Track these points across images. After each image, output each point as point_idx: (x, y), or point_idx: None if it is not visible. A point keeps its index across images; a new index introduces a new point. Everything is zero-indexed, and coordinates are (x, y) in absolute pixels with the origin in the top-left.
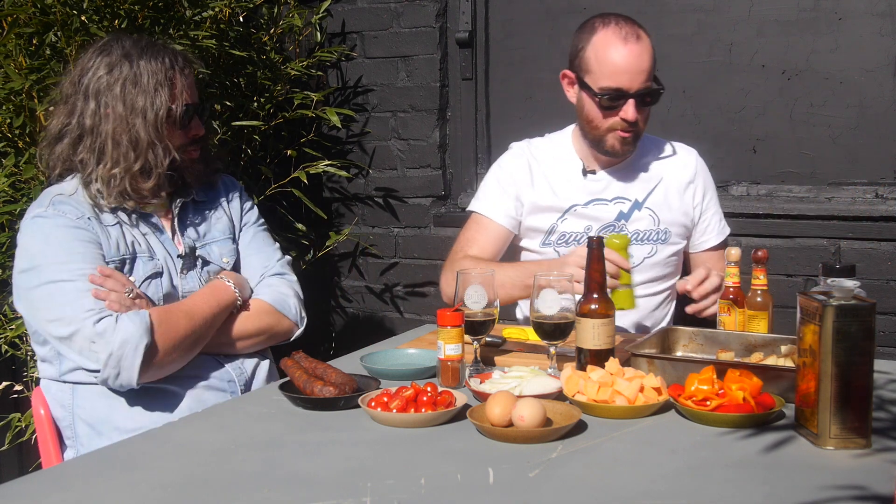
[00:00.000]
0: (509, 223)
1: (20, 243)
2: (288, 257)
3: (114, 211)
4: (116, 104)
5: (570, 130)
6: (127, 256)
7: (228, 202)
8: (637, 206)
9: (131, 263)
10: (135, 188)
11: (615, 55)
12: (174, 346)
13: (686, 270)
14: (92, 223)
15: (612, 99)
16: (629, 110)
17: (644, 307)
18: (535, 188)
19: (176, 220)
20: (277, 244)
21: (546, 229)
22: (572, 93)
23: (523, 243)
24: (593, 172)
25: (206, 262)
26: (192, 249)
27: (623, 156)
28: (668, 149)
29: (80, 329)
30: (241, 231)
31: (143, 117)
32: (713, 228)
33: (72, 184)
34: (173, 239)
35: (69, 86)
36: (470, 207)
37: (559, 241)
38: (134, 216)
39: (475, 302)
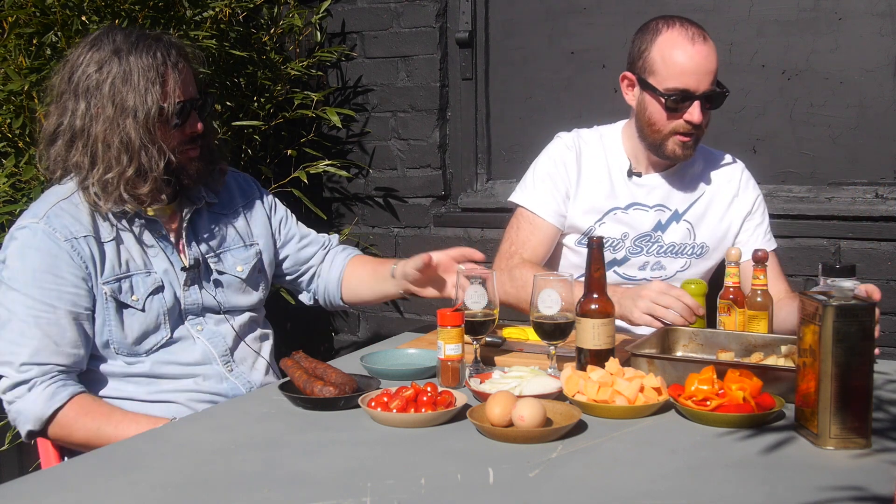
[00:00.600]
0: (559, 221)
1: (8, 255)
2: (334, 236)
3: (116, 218)
4: (106, 104)
5: (621, 127)
6: (122, 276)
7: (246, 206)
8: (676, 217)
9: (129, 282)
10: (131, 193)
11: (682, 56)
12: (63, 440)
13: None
14: (85, 243)
15: (677, 100)
16: (695, 112)
17: None
18: (581, 186)
19: (184, 229)
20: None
21: (584, 230)
22: (632, 95)
23: (564, 240)
24: (639, 175)
25: (219, 273)
26: (198, 261)
27: (681, 160)
28: (715, 159)
29: (4, 375)
30: (279, 231)
31: (134, 117)
32: (755, 242)
33: (71, 185)
34: (178, 249)
35: (61, 83)
36: (517, 200)
37: None
38: (137, 224)
39: (475, 302)
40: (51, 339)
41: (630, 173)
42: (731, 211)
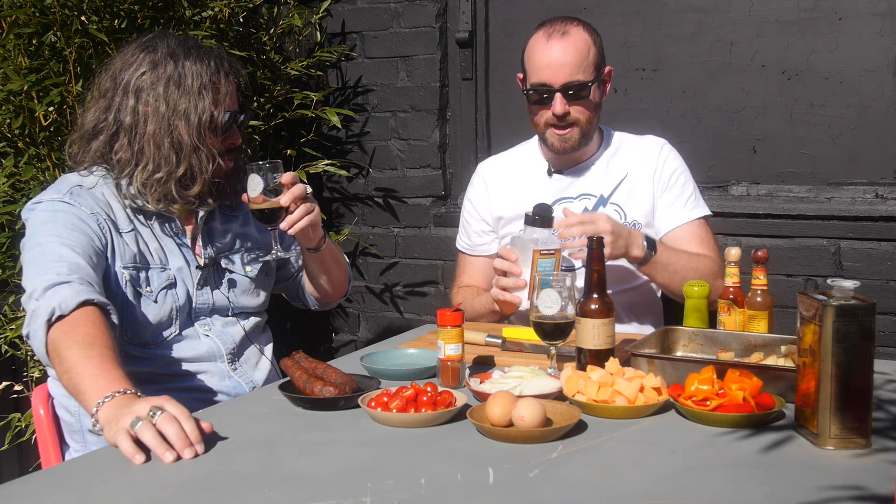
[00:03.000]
0: (485, 249)
1: (30, 222)
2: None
3: (134, 213)
4: (159, 104)
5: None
6: (139, 266)
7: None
8: (602, 201)
9: (145, 273)
10: (180, 194)
11: (539, 52)
12: (57, 347)
13: None
14: (106, 224)
15: (538, 94)
16: (556, 105)
17: (627, 301)
18: (497, 202)
19: (200, 230)
20: None
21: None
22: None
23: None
24: (559, 172)
25: (230, 272)
26: (212, 261)
27: (566, 152)
28: (634, 143)
29: (36, 287)
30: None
31: (186, 120)
32: (678, 207)
33: (92, 179)
34: (194, 248)
35: (108, 80)
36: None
37: None
38: (155, 221)
39: (254, 189)
40: (86, 262)
41: (550, 172)
42: (652, 185)
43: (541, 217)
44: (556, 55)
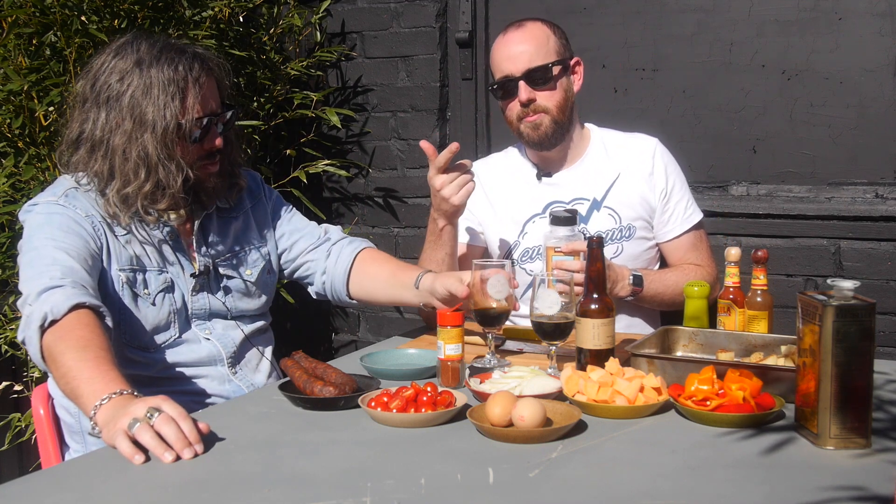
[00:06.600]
0: (466, 238)
1: (26, 225)
2: (335, 227)
3: (129, 218)
4: (125, 117)
5: None
6: (136, 267)
7: (254, 207)
8: (596, 205)
9: (143, 275)
10: (147, 210)
11: (499, 48)
12: (51, 352)
13: (664, 262)
14: (101, 226)
15: (502, 87)
16: (521, 92)
17: (626, 306)
18: (495, 207)
19: (195, 235)
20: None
21: (508, 247)
22: None
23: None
24: (549, 175)
25: (229, 278)
26: (208, 268)
27: (541, 141)
28: (624, 141)
29: (30, 292)
30: (280, 227)
31: (152, 131)
32: (677, 217)
33: (87, 181)
34: (190, 254)
35: (84, 89)
36: None
37: (523, 258)
38: (150, 225)
39: (498, 291)
40: (80, 265)
41: (539, 176)
42: (647, 188)
43: (561, 216)
44: (513, 46)
